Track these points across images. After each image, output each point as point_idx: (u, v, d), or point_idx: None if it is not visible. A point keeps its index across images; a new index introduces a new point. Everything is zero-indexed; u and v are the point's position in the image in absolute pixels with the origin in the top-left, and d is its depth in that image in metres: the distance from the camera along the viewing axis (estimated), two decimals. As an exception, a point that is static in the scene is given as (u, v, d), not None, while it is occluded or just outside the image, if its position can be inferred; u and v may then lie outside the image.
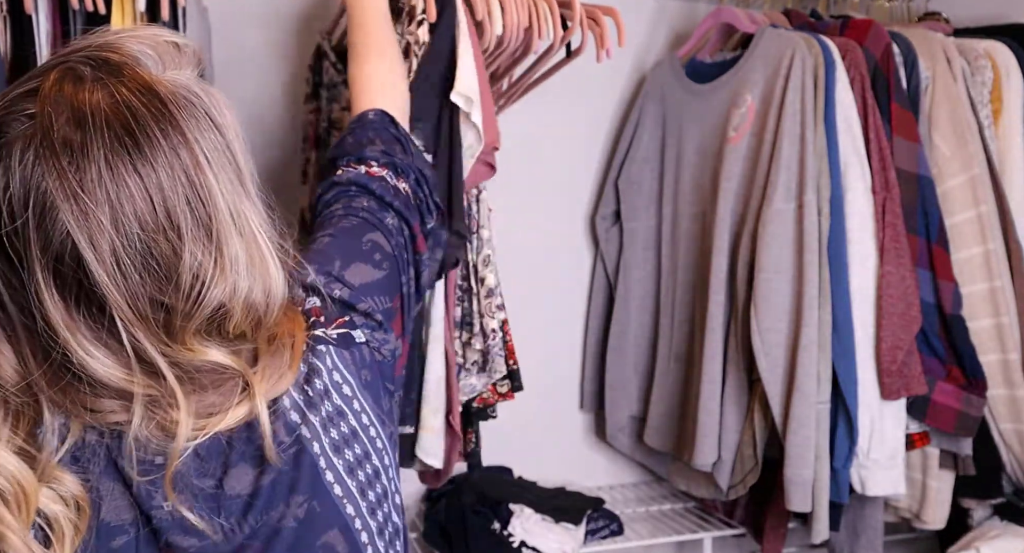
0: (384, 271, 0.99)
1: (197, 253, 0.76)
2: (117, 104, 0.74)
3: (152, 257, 0.74)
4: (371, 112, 1.18)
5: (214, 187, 0.77)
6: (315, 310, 0.92)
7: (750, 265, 1.86)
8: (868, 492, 1.83)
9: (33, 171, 0.72)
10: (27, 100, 0.74)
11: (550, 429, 2.28)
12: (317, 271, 0.95)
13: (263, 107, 1.97)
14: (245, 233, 0.80)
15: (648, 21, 2.28)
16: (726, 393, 1.91)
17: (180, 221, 0.75)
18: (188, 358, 0.78)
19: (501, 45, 1.60)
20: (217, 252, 0.77)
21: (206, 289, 0.77)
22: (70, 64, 0.76)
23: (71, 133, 0.72)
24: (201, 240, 0.76)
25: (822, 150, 1.80)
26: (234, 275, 0.78)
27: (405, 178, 1.10)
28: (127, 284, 0.74)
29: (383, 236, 1.02)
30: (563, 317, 2.29)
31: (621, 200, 2.18)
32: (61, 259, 0.73)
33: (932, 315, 1.86)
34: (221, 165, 0.78)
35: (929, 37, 1.97)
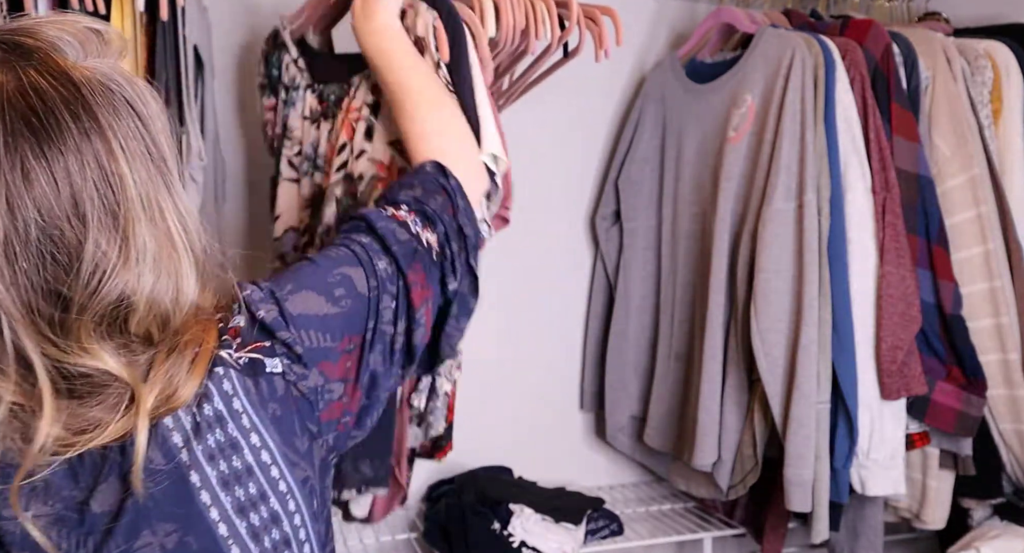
0: (340, 308, 0.90)
1: (102, 241, 0.73)
2: (23, 87, 0.72)
3: (51, 244, 0.72)
4: (428, 164, 1.11)
5: (126, 175, 0.74)
6: (232, 330, 0.85)
7: (750, 265, 1.86)
8: (868, 492, 1.83)
9: None
10: None
11: (550, 429, 2.28)
12: (264, 289, 0.89)
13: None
14: (158, 225, 0.77)
15: (648, 21, 2.28)
16: (726, 393, 1.91)
17: (86, 208, 0.73)
18: (76, 361, 0.74)
19: (497, 47, 1.60)
20: (123, 241, 0.74)
21: (107, 278, 0.74)
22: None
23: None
24: (107, 228, 0.74)
25: (822, 150, 1.80)
26: (140, 266, 0.75)
27: (433, 228, 1.03)
28: (14, 274, 0.71)
29: (363, 274, 0.94)
30: (563, 317, 2.29)
31: (621, 200, 2.18)
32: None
33: (932, 315, 1.86)
34: (137, 153, 0.76)
35: (929, 37, 1.97)
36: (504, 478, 2.15)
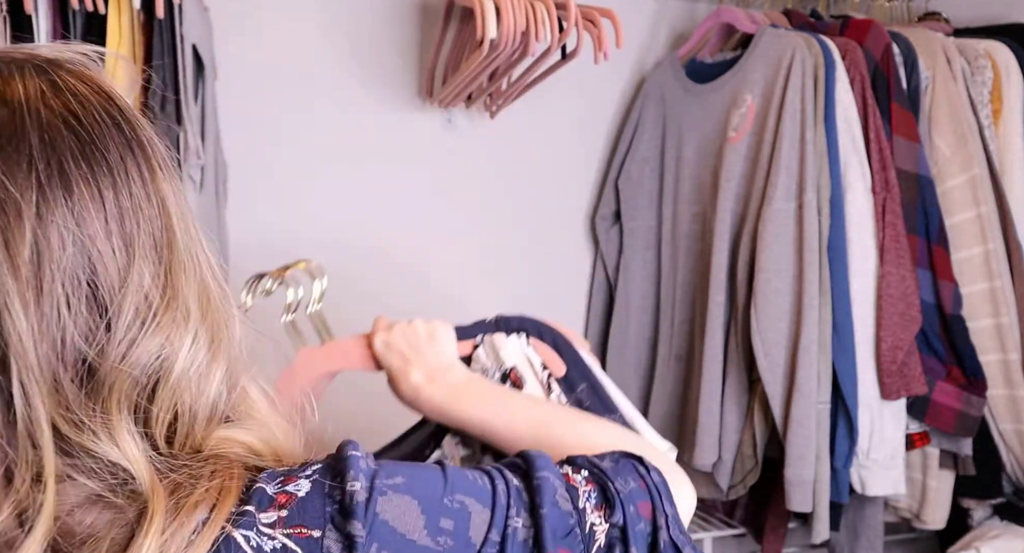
0: (435, 545, 0.63)
1: (146, 276, 0.60)
2: (58, 87, 0.62)
3: (89, 274, 0.58)
4: (615, 453, 0.78)
5: (168, 197, 0.63)
6: (281, 497, 0.62)
7: (750, 265, 1.86)
8: (868, 492, 1.83)
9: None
10: None
11: (550, 429, 2.28)
12: (370, 460, 0.66)
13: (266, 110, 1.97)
14: (194, 272, 0.63)
15: (648, 21, 2.28)
16: (726, 393, 1.91)
17: (131, 228, 0.60)
18: (91, 444, 0.58)
19: (498, 48, 1.60)
20: (167, 280, 0.61)
21: (147, 328, 0.59)
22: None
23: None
24: (151, 261, 0.60)
25: (822, 150, 1.80)
26: (181, 321, 0.61)
27: (608, 515, 0.70)
28: (40, 317, 0.57)
29: (487, 519, 0.66)
30: (563, 317, 2.27)
31: (621, 200, 2.18)
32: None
33: (932, 315, 1.86)
34: (173, 179, 0.65)
35: (929, 37, 1.97)
36: (504, 478, 2.15)
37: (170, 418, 0.61)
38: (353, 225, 2.06)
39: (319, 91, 2.01)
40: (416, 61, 2.09)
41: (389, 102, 2.07)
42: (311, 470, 0.64)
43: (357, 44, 2.04)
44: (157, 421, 0.60)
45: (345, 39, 2.03)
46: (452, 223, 2.15)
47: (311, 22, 2.00)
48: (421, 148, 2.11)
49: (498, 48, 1.62)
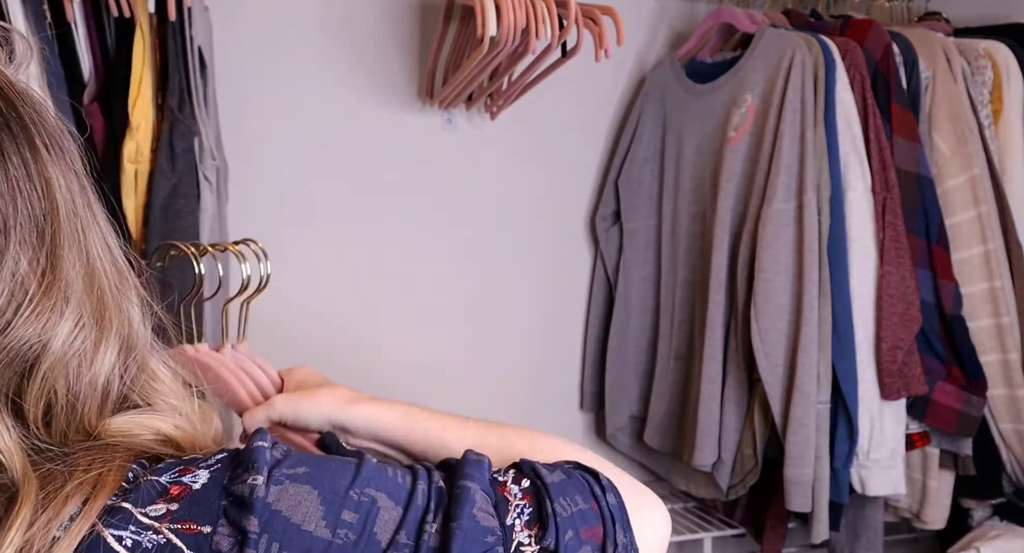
0: (335, 539, 0.58)
1: (23, 261, 0.56)
2: None
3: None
4: (571, 463, 0.73)
5: (53, 180, 0.59)
6: (176, 489, 0.57)
7: (750, 265, 1.86)
8: (868, 492, 1.83)
9: None
10: None
11: (550, 429, 2.26)
12: (277, 450, 0.62)
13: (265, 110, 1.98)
14: (81, 256, 0.60)
15: (648, 21, 2.28)
16: (726, 393, 1.91)
17: (8, 213, 0.56)
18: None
19: (498, 46, 1.60)
20: (48, 264, 0.57)
21: (23, 311, 0.56)
22: None
23: None
24: (31, 245, 0.57)
25: (822, 150, 1.81)
26: (61, 307, 0.57)
27: (540, 536, 0.63)
28: None
29: (398, 517, 0.60)
30: (563, 317, 2.29)
31: (621, 200, 2.18)
32: None
33: (932, 315, 1.86)
34: (61, 160, 0.61)
35: (929, 37, 1.97)
36: (504, 478, 2.14)
37: (45, 404, 0.58)
38: (353, 225, 2.06)
39: (319, 91, 2.01)
40: (416, 61, 2.09)
41: (389, 102, 2.07)
42: (214, 460, 0.60)
43: (357, 44, 2.04)
44: (31, 403, 0.57)
45: (345, 39, 2.03)
46: (452, 223, 2.15)
47: (311, 22, 2.00)
48: (421, 148, 2.11)
49: (498, 46, 1.62)
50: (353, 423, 0.85)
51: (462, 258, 2.16)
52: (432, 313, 2.14)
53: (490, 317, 2.20)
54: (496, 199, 2.19)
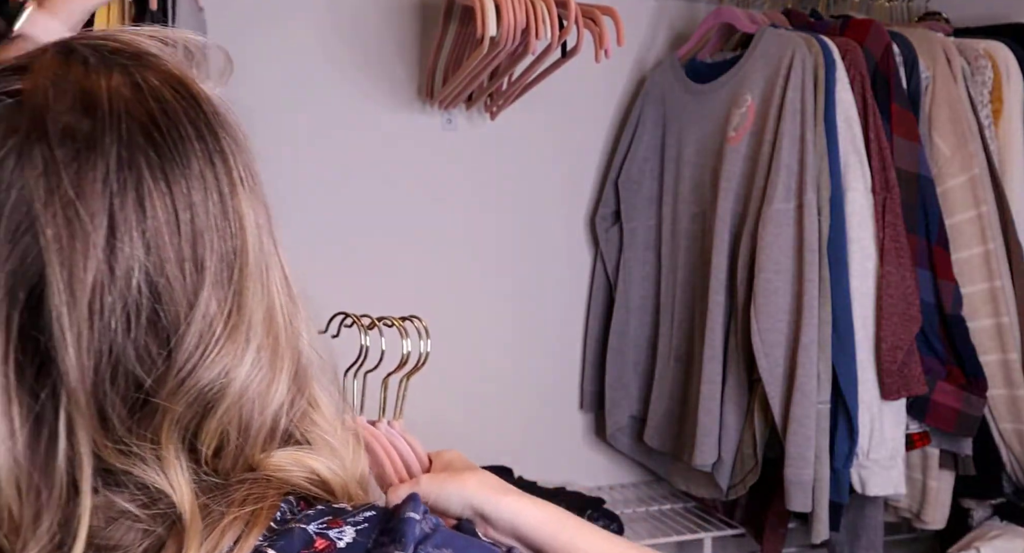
0: None
1: (213, 302, 0.55)
2: (142, 93, 0.56)
3: (154, 299, 0.53)
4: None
5: (247, 216, 0.58)
6: (320, 542, 0.57)
7: (750, 265, 1.86)
8: (868, 492, 1.82)
9: (14, 167, 0.52)
10: (10, 78, 0.55)
11: (550, 429, 2.28)
12: (429, 524, 0.60)
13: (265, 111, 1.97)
14: (264, 294, 0.59)
15: (648, 21, 2.28)
16: (726, 393, 1.91)
17: (204, 252, 0.55)
18: (137, 472, 0.54)
19: (498, 46, 1.60)
20: (234, 307, 0.56)
21: (208, 354, 0.55)
22: (70, 46, 0.57)
23: (75, 119, 0.53)
24: (222, 284, 0.56)
25: (822, 150, 1.80)
26: (243, 348, 0.56)
27: None
28: (92, 337, 0.52)
29: None
30: (563, 317, 2.29)
31: (621, 200, 2.18)
32: (26, 297, 0.52)
33: (932, 315, 1.85)
34: (254, 192, 0.59)
35: (929, 37, 1.97)
36: (504, 478, 2.14)
37: (218, 442, 0.57)
38: (353, 225, 2.06)
39: (319, 92, 2.01)
40: (416, 61, 2.09)
41: (389, 103, 2.07)
42: (362, 518, 0.59)
43: (357, 45, 2.04)
44: (206, 442, 0.57)
45: (345, 40, 2.03)
46: (452, 223, 2.15)
47: (311, 23, 2.00)
48: (421, 149, 2.11)
49: (498, 46, 1.62)
50: (496, 514, 0.82)
51: (461, 257, 2.16)
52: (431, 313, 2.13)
53: (490, 317, 2.20)
54: (496, 199, 2.19)
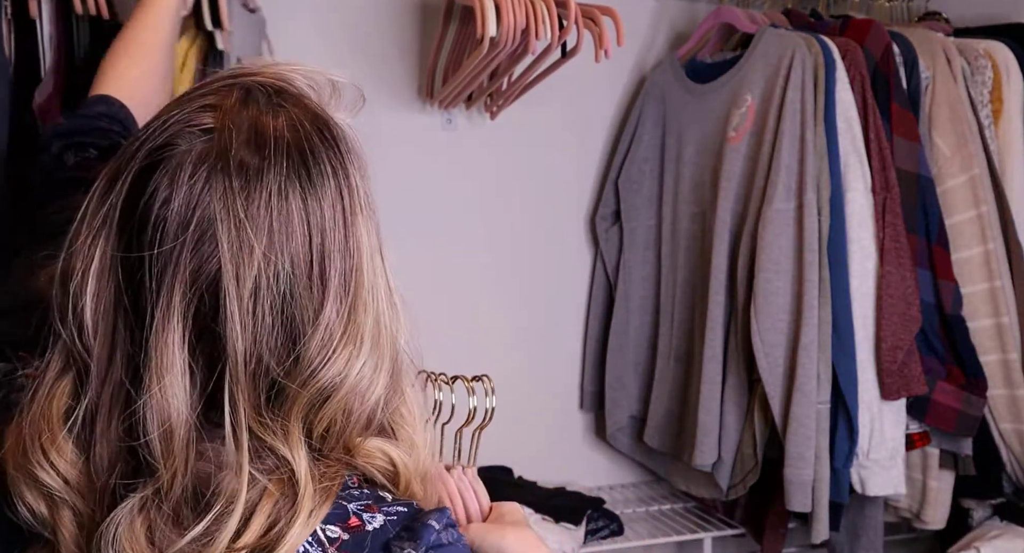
0: None
1: (333, 312, 0.67)
2: (298, 132, 0.68)
3: (292, 304, 0.66)
4: None
5: (363, 238, 0.69)
6: (353, 519, 0.70)
7: (750, 265, 1.86)
8: (868, 492, 1.83)
9: (203, 190, 0.65)
10: (204, 114, 0.68)
11: (550, 429, 2.28)
12: (444, 527, 0.72)
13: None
14: (372, 305, 0.70)
15: (648, 21, 2.28)
16: (726, 393, 1.91)
17: (329, 270, 0.67)
18: (272, 444, 0.67)
19: (498, 47, 1.60)
20: (350, 315, 0.68)
21: (330, 356, 0.67)
22: (248, 87, 0.70)
23: (249, 156, 0.66)
24: (340, 297, 0.68)
25: (822, 150, 1.80)
26: (356, 352, 0.68)
27: None
28: (252, 333, 0.65)
29: None
30: (563, 317, 2.29)
31: (621, 200, 2.18)
32: (204, 293, 0.65)
33: (932, 315, 1.85)
34: (369, 219, 0.71)
35: (929, 37, 1.97)
36: (504, 478, 2.15)
37: (328, 423, 0.69)
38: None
39: (319, 91, 2.01)
40: (416, 61, 2.09)
41: (389, 102, 2.07)
42: (394, 511, 0.71)
43: (357, 44, 2.04)
44: (319, 424, 0.69)
45: (345, 39, 2.03)
46: (452, 223, 2.15)
47: (311, 22, 2.00)
48: (421, 148, 2.11)
49: (498, 46, 1.62)
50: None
51: (461, 258, 2.16)
52: (431, 312, 2.13)
53: (490, 317, 2.20)
54: (496, 199, 2.19)
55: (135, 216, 0.66)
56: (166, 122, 0.68)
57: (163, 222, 0.65)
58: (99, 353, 0.67)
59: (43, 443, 0.67)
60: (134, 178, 0.67)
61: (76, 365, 0.68)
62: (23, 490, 0.67)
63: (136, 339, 0.67)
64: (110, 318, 0.67)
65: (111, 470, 0.67)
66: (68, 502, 0.67)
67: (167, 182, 0.66)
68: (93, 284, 0.67)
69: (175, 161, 0.66)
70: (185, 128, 0.68)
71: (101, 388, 0.67)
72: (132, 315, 0.67)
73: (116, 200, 0.68)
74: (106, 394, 0.67)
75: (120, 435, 0.67)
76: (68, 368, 0.69)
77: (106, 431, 0.67)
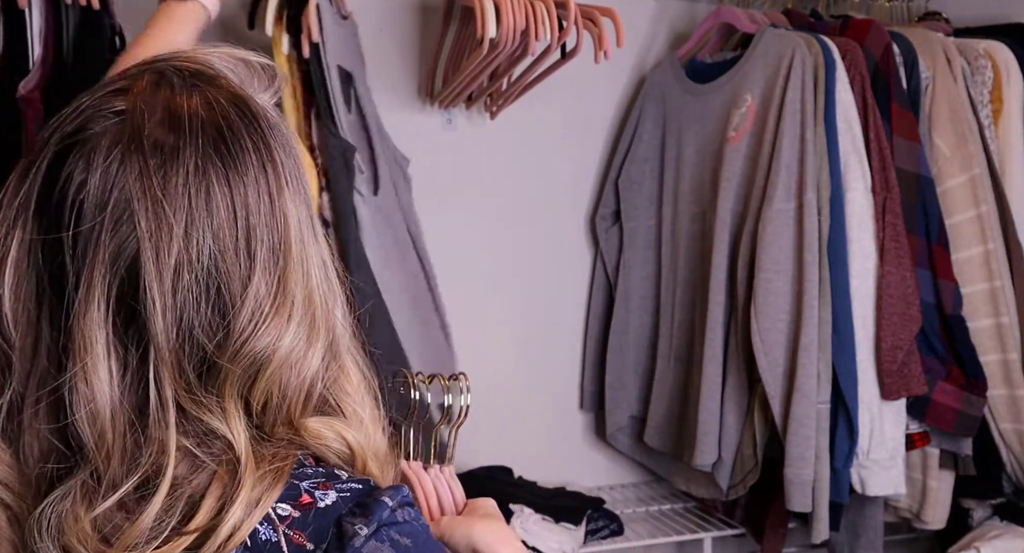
0: None
1: (262, 285, 0.68)
2: (213, 111, 0.69)
3: (217, 279, 0.66)
4: None
5: (291, 215, 0.70)
6: (304, 497, 0.69)
7: (750, 265, 1.86)
8: (868, 492, 1.83)
9: (117, 171, 0.65)
10: (116, 98, 0.68)
11: (550, 429, 2.28)
12: (397, 501, 0.72)
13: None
14: (303, 279, 0.71)
15: (648, 21, 2.28)
16: (726, 393, 1.91)
17: (256, 245, 0.68)
18: (207, 420, 0.67)
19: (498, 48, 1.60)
20: (279, 288, 0.69)
21: (259, 328, 0.67)
22: (161, 70, 0.71)
23: (163, 135, 0.66)
24: (268, 271, 0.68)
25: (822, 150, 1.81)
26: (286, 323, 0.69)
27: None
28: (176, 310, 0.65)
29: None
30: (563, 317, 2.29)
31: (621, 200, 2.18)
32: (125, 273, 0.65)
33: (932, 315, 1.86)
34: (297, 194, 0.72)
35: (929, 37, 1.97)
36: (504, 478, 2.15)
37: (263, 400, 0.69)
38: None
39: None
40: (416, 61, 2.09)
41: (389, 102, 2.07)
42: (347, 488, 0.70)
43: (357, 44, 2.04)
44: (256, 399, 0.69)
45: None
46: (452, 223, 2.15)
47: (311, 22, 2.00)
48: (421, 148, 2.10)
49: (498, 47, 1.62)
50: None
51: (462, 258, 2.16)
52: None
53: (490, 317, 2.20)
54: (496, 199, 2.19)
55: (51, 202, 0.67)
56: (77, 108, 0.69)
57: (80, 205, 0.65)
58: (21, 344, 0.67)
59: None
60: (48, 165, 0.67)
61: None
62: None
63: (58, 325, 0.67)
64: (31, 306, 0.68)
65: (44, 458, 0.67)
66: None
67: (82, 165, 0.66)
68: (11, 273, 0.67)
69: (88, 145, 0.66)
70: (97, 113, 0.68)
71: (27, 379, 0.67)
72: (54, 301, 0.67)
73: (31, 188, 0.68)
74: (32, 383, 0.67)
75: (48, 422, 0.67)
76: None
77: (33, 419, 0.67)
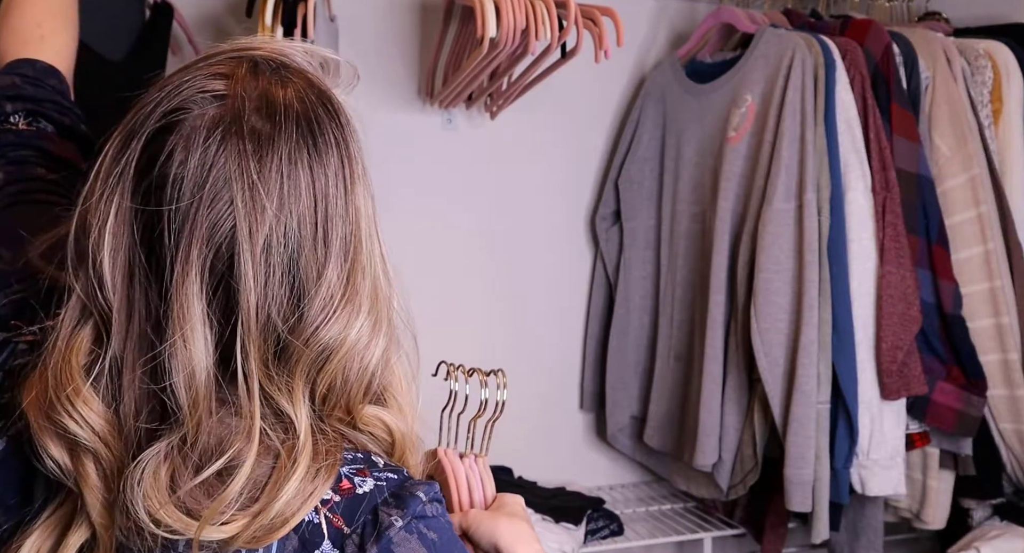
0: None
1: (334, 275, 0.71)
2: (304, 103, 0.73)
3: (297, 265, 0.70)
4: None
5: (362, 209, 0.74)
6: (345, 483, 0.72)
7: (750, 265, 1.86)
8: (868, 492, 1.83)
9: (217, 152, 0.69)
10: (216, 81, 0.72)
11: (550, 429, 2.28)
12: (431, 498, 0.74)
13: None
14: (372, 272, 0.74)
15: (648, 21, 2.28)
16: (726, 393, 1.91)
17: (332, 233, 0.71)
18: (278, 402, 0.71)
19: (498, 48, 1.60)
20: (348, 279, 0.72)
21: (330, 318, 0.71)
22: (254, 59, 0.74)
23: (260, 122, 0.70)
24: (340, 262, 0.72)
25: (822, 150, 1.81)
26: (355, 314, 0.72)
27: None
28: (266, 285, 0.69)
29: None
30: (563, 317, 2.29)
31: (621, 200, 2.18)
32: (219, 249, 0.69)
33: (932, 315, 1.86)
34: (367, 189, 0.75)
35: (929, 37, 1.97)
36: (504, 478, 2.15)
37: (328, 386, 0.73)
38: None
39: (319, 91, 2.01)
40: (416, 61, 2.09)
41: (389, 102, 2.07)
42: (384, 477, 0.73)
43: (357, 44, 2.04)
44: (321, 384, 0.72)
45: (345, 40, 2.03)
46: (452, 223, 2.15)
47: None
48: (421, 148, 2.11)
49: (498, 47, 1.62)
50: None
51: (462, 258, 2.16)
52: (430, 313, 2.13)
53: (490, 316, 2.20)
54: (496, 199, 2.19)
55: (152, 175, 0.69)
56: (180, 86, 0.71)
57: (180, 181, 0.68)
58: (118, 306, 0.70)
59: (68, 394, 0.69)
60: (148, 139, 0.70)
61: (94, 319, 0.71)
62: (47, 442, 0.70)
63: (154, 293, 0.70)
64: (127, 272, 0.71)
65: (138, 416, 0.71)
66: (91, 451, 0.70)
67: (183, 144, 0.69)
68: (109, 239, 0.70)
69: (189, 124, 0.70)
70: (198, 93, 0.71)
71: (124, 340, 0.71)
72: (147, 269, 0.70)
73: (131, 159, 0.70)
74: (130, 345, 0.71)
75: (146, 383, 0.70)
76: (83, 323, 0.71)
77: (132, 380, 0.70)
